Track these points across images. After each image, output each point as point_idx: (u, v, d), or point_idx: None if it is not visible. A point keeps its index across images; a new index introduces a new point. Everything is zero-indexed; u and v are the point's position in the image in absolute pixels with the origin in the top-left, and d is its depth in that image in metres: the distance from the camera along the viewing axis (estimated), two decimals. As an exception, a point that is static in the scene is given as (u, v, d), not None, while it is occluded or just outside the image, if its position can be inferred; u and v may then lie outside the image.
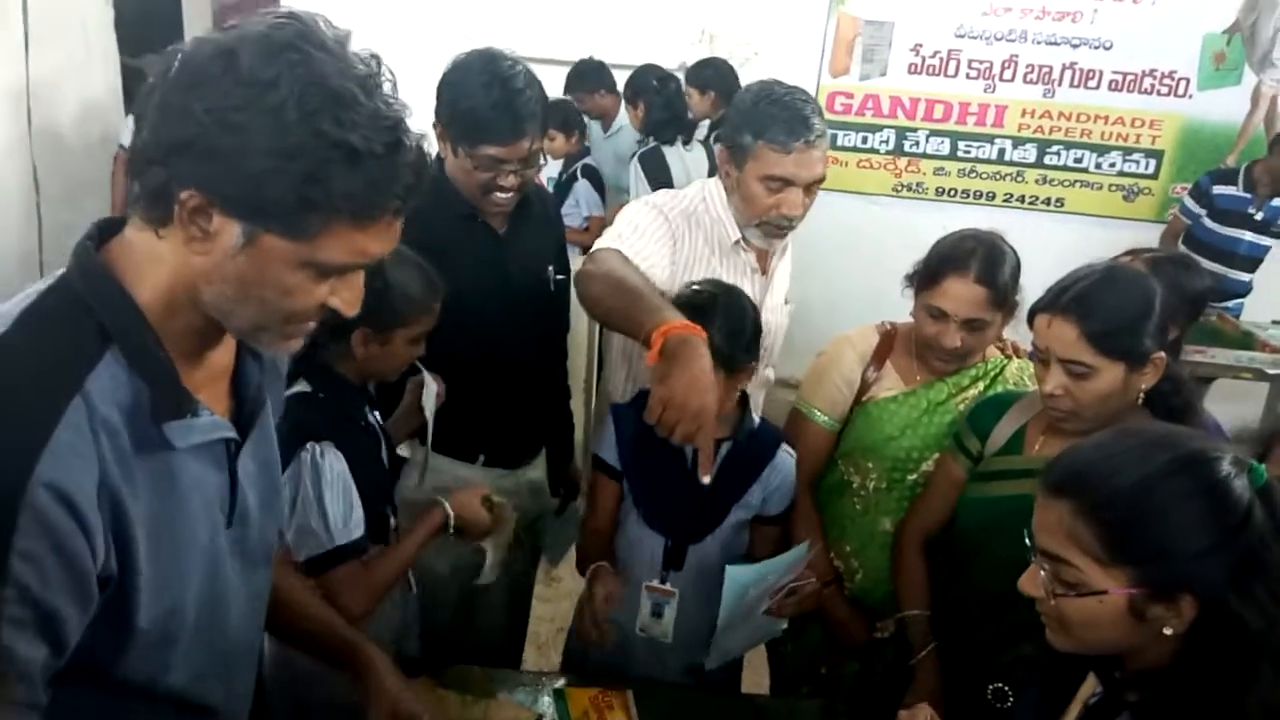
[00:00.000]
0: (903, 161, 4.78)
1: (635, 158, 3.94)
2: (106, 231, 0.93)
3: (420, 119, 0.95)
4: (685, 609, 1.81)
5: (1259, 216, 4.09)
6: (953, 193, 4.79)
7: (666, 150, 3.91)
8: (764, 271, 2.04)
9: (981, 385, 1.88)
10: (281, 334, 0.96)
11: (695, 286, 1.74)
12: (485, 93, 1.75)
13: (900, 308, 1.95)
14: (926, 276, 1.81)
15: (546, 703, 1.69)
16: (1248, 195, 4.08)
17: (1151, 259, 2.00)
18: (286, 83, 0.82)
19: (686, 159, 3.92)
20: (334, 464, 1.52)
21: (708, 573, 1.80)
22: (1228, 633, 0.98)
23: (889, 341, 1.94)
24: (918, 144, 4.75)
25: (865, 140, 4.75)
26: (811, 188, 1.87)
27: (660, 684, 1.81)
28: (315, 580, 1.49)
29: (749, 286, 1.99)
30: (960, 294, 1.76)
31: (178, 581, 0.96)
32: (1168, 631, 1.00)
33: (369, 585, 1.55)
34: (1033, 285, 1.78)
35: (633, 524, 1.85)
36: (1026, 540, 1.10)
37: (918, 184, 4.80)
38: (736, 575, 1.65)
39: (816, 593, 1.77)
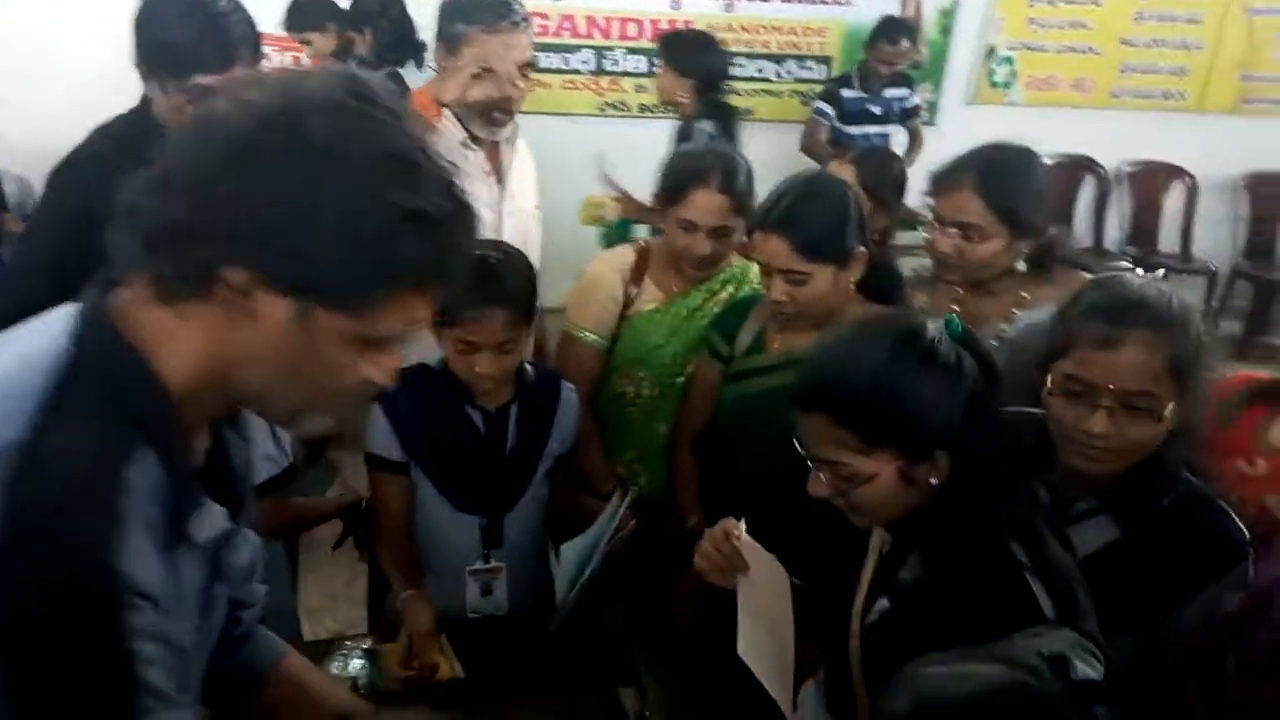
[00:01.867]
0: (605, 81, 4.87)
1: None
2: (101, 290, 0.83)
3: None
4: (513, 573, 1.81)
5: (878, 111, 4.60)
6: (655, 108, 4.95)
7: (404, 71, 3.82)
8: (499, 178, 2.08)
9: (731, 288, 2.03)
10: (320, 413, 0.90)
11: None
12: (187, 20, 1.67)
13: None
14: (672, 192, 1.93)
15: (358, 665, 1.67)
16: (865, 94, 4.58)
17: (855, 156, 2.25)
18: (361, 153, 0.76)
19: (421, 82, 3.84)
20: None
21: (528, 531, 1.84)
22: (976, 465, 1.17)
23: (645, 257, 2.05)
24: (616, 62, 4.85)
25: (566, 61, 4.79)
26: (524, 69, 1.97)
27: (468, 621, 1.81)
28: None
29: (484, 190, 2.07)
30: (705, 205, 1.89)
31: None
32: (934, 481, 1.18)
33: (302, 515, 1.87)
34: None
35: (436, 512, 1.78)
36: (799, 448, 1.24)
37: (621, 102, 4.92)
38: (571, 551, 1.68)
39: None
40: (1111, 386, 1.25)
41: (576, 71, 4.82)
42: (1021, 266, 1.84)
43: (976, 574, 1.15)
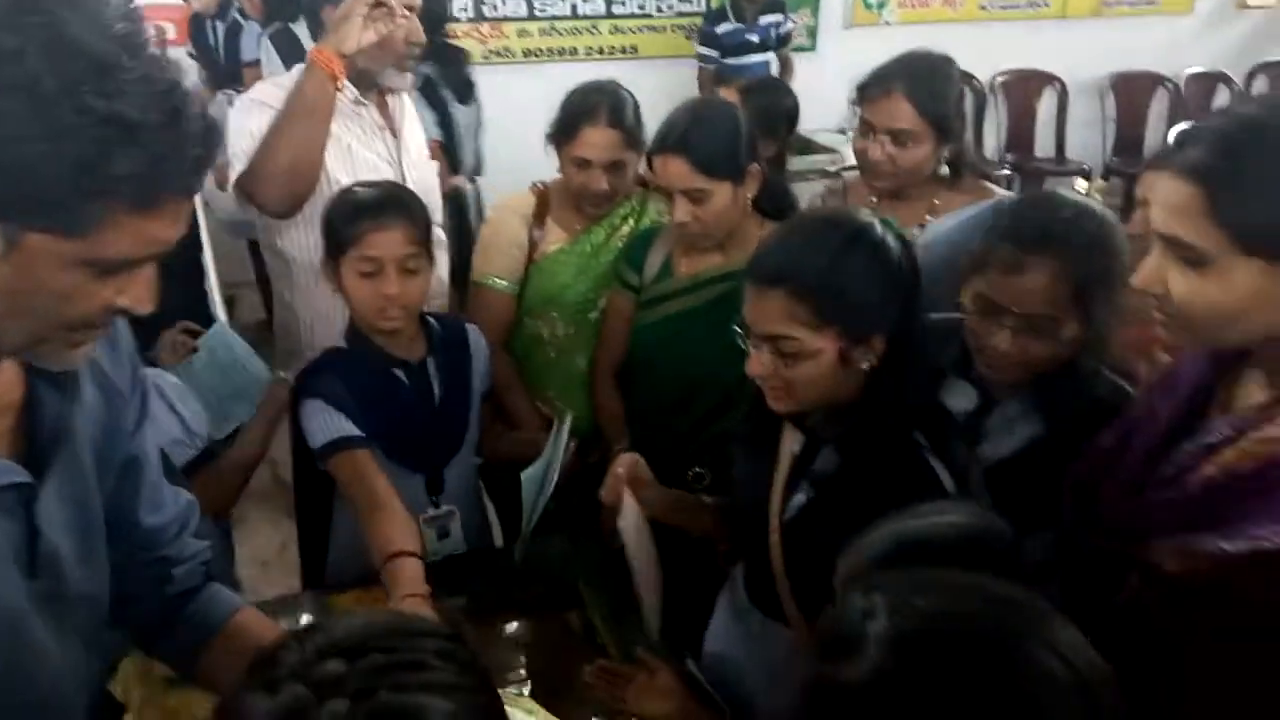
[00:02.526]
0: (486, 27, 4.81)
1: (265, 37, 3.73)
2: None
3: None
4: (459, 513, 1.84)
5: (755, 39, 4.68)
6: (539, 52, 4.93)
7: (295, 28, 3.71)
8: (393, 131, 2.10)
9: (632, 221, 2.08)
10: (65, 343, 0.84)
11: (359, 189, 1.72)
12: None
13: (535, 165, 2.08)
14: (564, 131, 1.96)
15: (308, 619, 1.70)
16: (741, 25, 4.65)
17: (744, 86, 2.31)
18: (35, 51, 0.70)
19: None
20: (170, 379, 1.65)
21: (465, 475, 1.87)
22: (904, 351, 1.28)
23: (545, 199, 2.08)
24: (496, 8, 4.80)
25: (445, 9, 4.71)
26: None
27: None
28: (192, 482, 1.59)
29: (381, 146, 2.08)
30: (597, 141, 1.93)
31: None
32: (864, 366, 1.27)
33: (229, 479, 1.77)
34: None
35: None
36: (737, 331, 1.32)
37: (506, 49, 4.88)
38: (531, 477, 1.69)
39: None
40: (1015, 309, 1.33)
41: (455, 20, 4.74)
42: (944, 171, 1.94)
43: (885, 459, 1.26)
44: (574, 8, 4.91)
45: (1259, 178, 0.94)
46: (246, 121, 1.94)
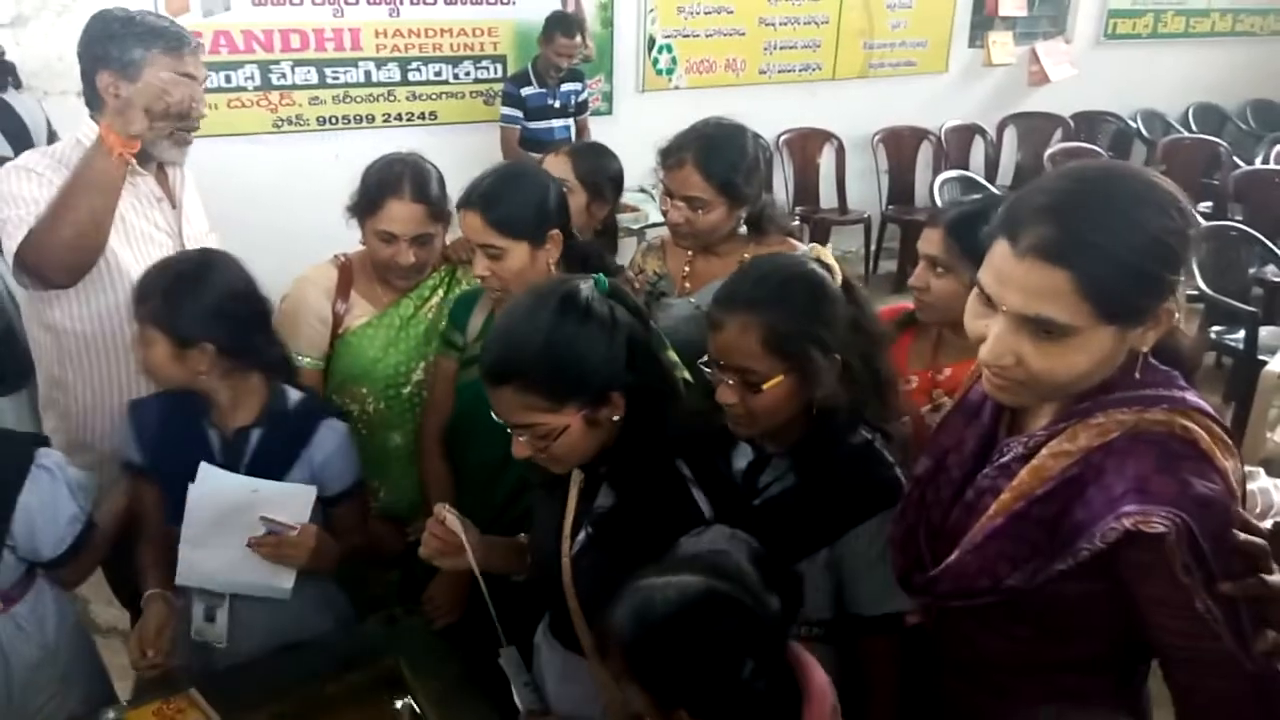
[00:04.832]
0: (275, 96, 4.66)
1: None
2: None
3: None
4: (243, 610, 1.75)
5: (557, 105, 4.81)
6: (334, 120, 4.83)
7: (7, 98, 3.38)
8: (172, 202, 2.05)
9: (441, 292, 2.07)
10: None
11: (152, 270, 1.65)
12: None
13: (333, 237, 2.05)
14: (367, 204, 1.93)
15: None
16: (544, 90, 4.77)
17: (571, 150, 2.35)
18: None
19: (28, 102, 3.42)
20: (59, 457, 1.68)
21: None
22: (644, 396, 1.34)
23: (348, 272, 2.03)
24: (285, 76, 4.66)
25: (229, 79, 4.53)
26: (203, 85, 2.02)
27: (219, 671, 1.73)
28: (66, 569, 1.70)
29: (160, 218, 2.03)
30: (402, 214, 1.91)
31: None
32: (615, 419, 1.33)
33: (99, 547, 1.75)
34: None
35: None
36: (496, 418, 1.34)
37: (298, 116, 4.74)
38: (211, 476, 1.64)
39: (300, 546, 1.67)
40: (721, 362, 1.39)
41: (242, 89, 4.59)
42: (743, 230, 2.09)
43: (650, 492, 1.33)
44: (368, 74, 4.85)
45: (1111, 252, 0.98)
46: (16, 188, 1.87)
